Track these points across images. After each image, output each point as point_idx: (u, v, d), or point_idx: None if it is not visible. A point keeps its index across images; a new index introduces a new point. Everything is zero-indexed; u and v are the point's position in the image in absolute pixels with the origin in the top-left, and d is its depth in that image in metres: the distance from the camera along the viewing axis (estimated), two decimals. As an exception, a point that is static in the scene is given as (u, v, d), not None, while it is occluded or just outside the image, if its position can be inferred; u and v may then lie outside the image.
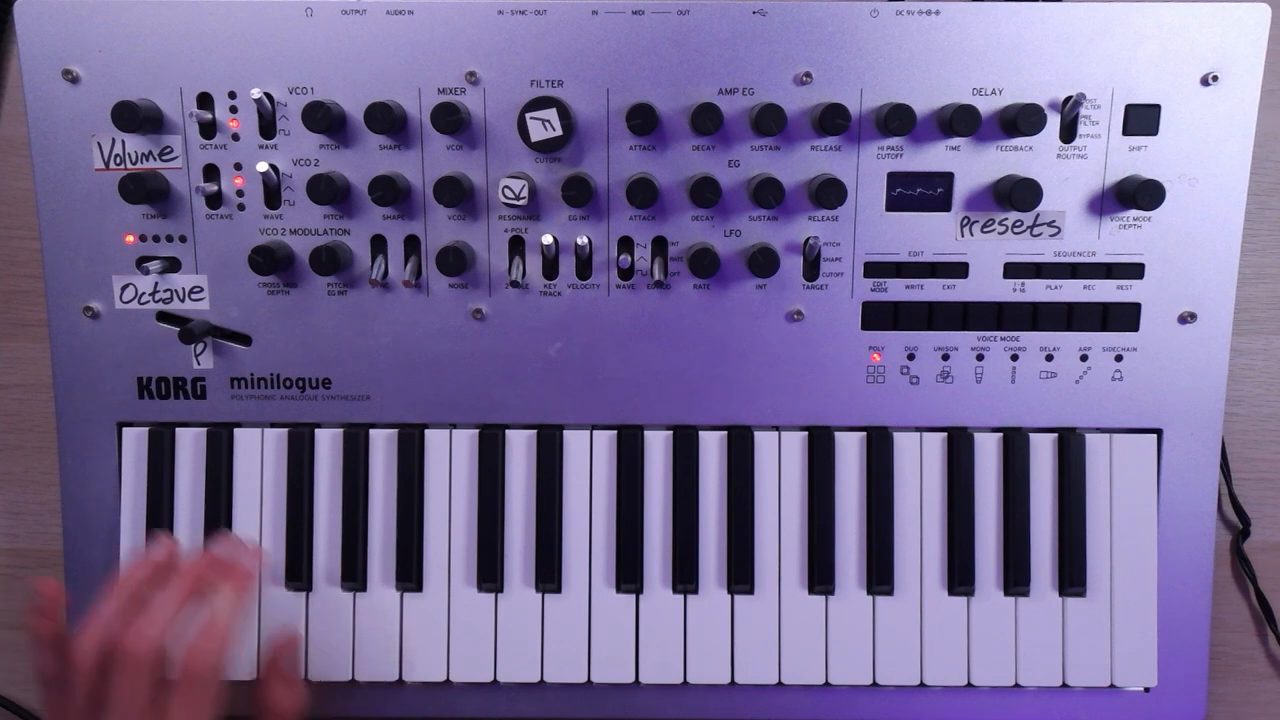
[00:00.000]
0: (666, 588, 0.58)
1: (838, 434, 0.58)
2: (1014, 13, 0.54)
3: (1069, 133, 0.55)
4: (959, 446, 0.58)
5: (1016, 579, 0.58)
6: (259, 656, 0.58)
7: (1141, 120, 0.55)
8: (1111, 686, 0.58)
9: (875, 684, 0.58)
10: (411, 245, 0.57)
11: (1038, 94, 0.55)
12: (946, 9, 0.54)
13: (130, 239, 0.57)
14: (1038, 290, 0.57)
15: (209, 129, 0.55)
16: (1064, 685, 0.58)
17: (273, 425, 0.59)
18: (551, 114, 0.54)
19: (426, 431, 0.59)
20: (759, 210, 0.56)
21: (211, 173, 0.56)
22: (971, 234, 0.56)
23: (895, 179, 0.56)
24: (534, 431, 0.58)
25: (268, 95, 0.55)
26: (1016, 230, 0.56)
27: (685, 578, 0.58)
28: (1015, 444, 0.58)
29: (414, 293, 0.57)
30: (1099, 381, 0.57)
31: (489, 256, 0.57)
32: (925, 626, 0.58)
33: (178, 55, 0.55)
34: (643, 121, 0.54)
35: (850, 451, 0.58)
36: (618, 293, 0.57)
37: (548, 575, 0.58)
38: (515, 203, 0.55)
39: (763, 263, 0.55)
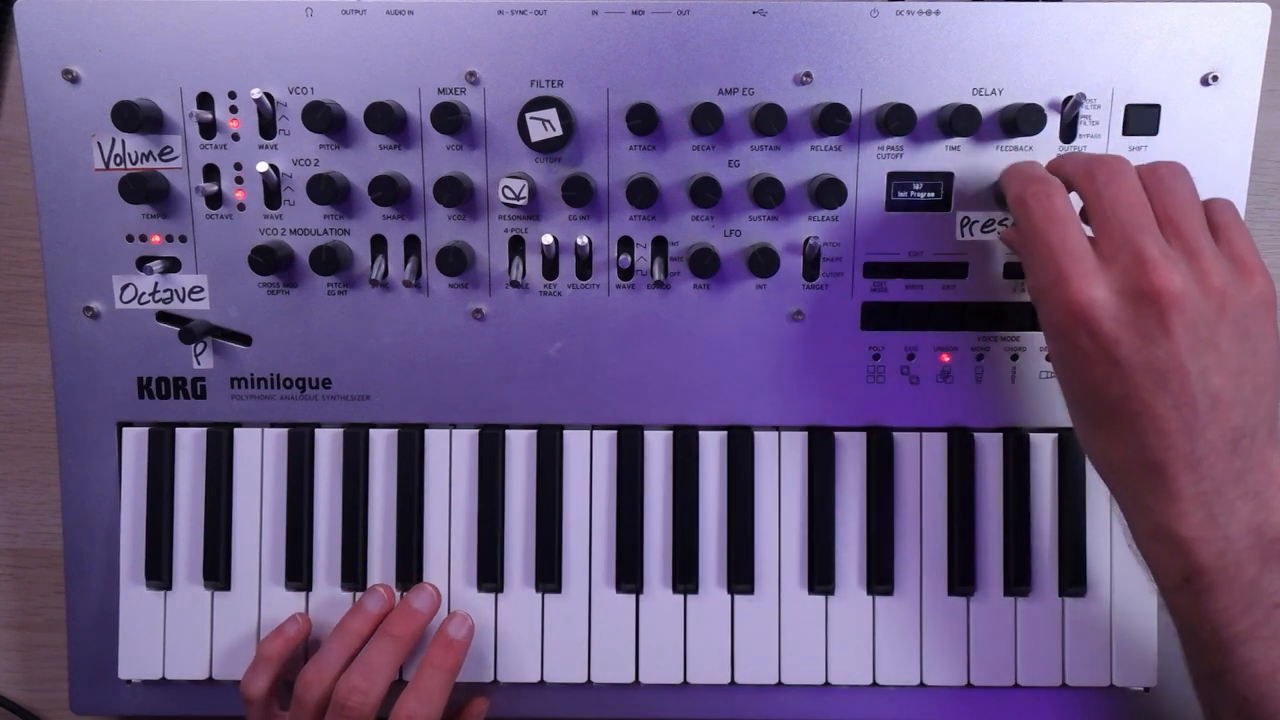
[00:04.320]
0: (666, 588, 0.58)
1: (838, 434, 0.58)
2: (1014, 13, 0.54)
3: (1069, 133, 0.55)
4: (959, 446, 0.58)
5: (1017, 579, 0.58)
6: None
7: (1141, 120, 0.55)
8: (1111, 686, 0.58)
9: (875, 684, 0.58)
10: (411, 245, 0.57)
11: (1038, 94, 0.55)
12: (946, 9, 0.54)
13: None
14: (1038, 290, 0.57)
15: (209, 129, 0.55)
16: (1064, 685, 0.58)
17: (273, 425, 0.59)
18: (551, 114, 0.54)
19: (426, 431, 0.59)
20: (759, 210, 0.56)
21: (211, 173, 0.56)
22: (971, 234, 0.56)
23: (895, 179, 0.56)
24: (534, 431, 0.58)
25: (268, 95, 0.55)
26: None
27: (685, 578, 0.58)
28: (1016, 444, 0.58)
29: (414, 293, 0.57)
30: (1099, 381, 0.57)
31: (489, 256, 0.57)
32: (925, 626, 0.58)
33: (178, 55, 0.55)
34: (643, 121, 0.54)
35: (850, 451, 0.58)
36: (618, 293, 0.57)
37: (548, 575, 0.58)
38: (515, 203, 0.55)
39: (763, 263, 0.55)
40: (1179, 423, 0.45)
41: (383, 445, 0.59)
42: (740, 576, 0.58)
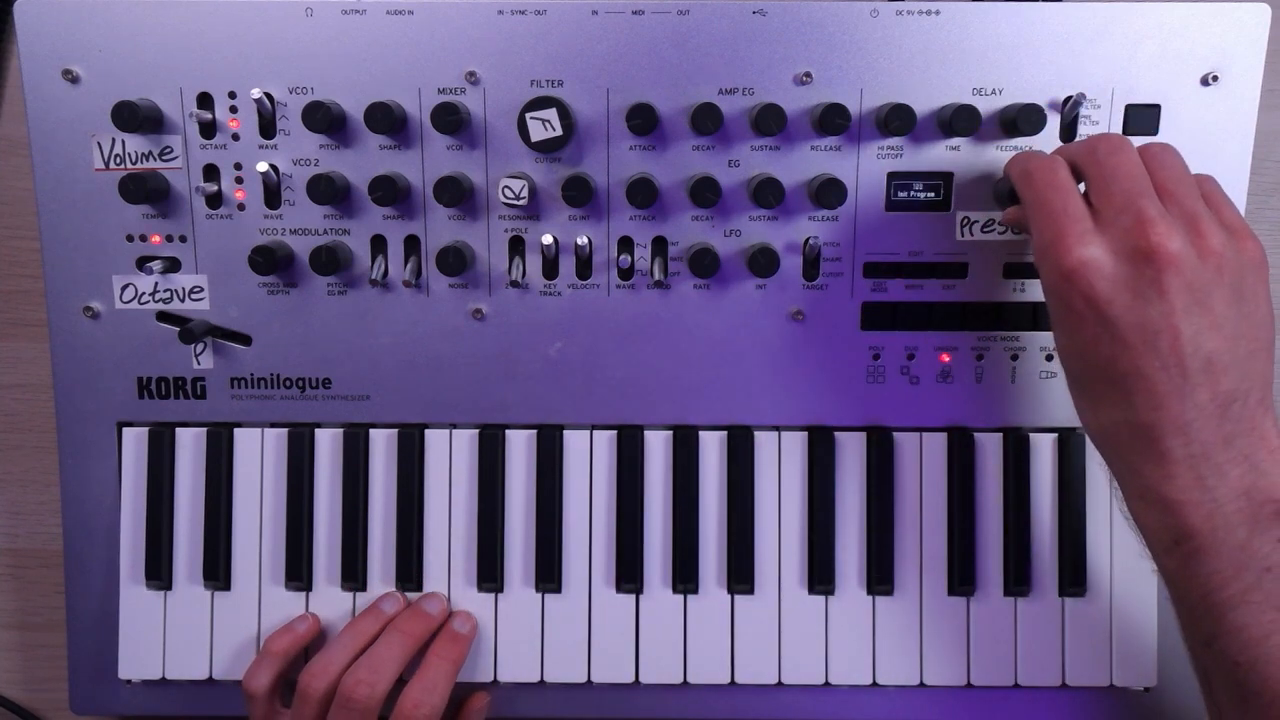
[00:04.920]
0: (666, 588, 0.58)
1: (838, 434, 0.58)
2: (1014, 13, 0.54)
3: (1069, 133, 0.55)
4: (959, 446, 0.58)
5: (1016, 579, 0.58)
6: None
7: (1141, 120, 0.55)
8: (1111, 686, 0.58)
9: (875, 684, 0.58)
10: (411, 245, 0.57)
11: (1038, 94, 0.55)
12: (946, 9, 0.54)
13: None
14: (1038, 290, 0.57)
15: (209, 129, 0.55)
16: (1064, 685, 0.58)
17: (273, 425, 0.59)
18: (551, 114, 0.54)
19: (426, 431, 0.59)
20: (759, 210, 0.56)
21: (211, 173, 0.56)
22: (971, 234, 0.56)
23: (895, 179, 0.56)
24: (534, 431, 0.58)
25: (268, 95, 0.55)
26: (1016, 230, 0.56)
27: (685, 578, 0.58)
28: (1015, 444, 0.58)
29: (414, 293, 0.57)
30: (1099, 381, 0.57)
31: (489, 256, 0.57)
32: (925, 626, 0.58)
33: (178, 55, 0.55)
34: (643, 121, 0.54)
35: (850, 451, 0.58)
36: (618, 293, 0.57)
37: (548, 575, 0.58)
38: (515, 203, 0.55)
39: (763, 263, 0.55)
40: (1169, 384, 0.45)
41: (383, 445, 0.59)
42: (740, 576, 0.58)
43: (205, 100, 0.55)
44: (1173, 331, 0.44)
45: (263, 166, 0.55)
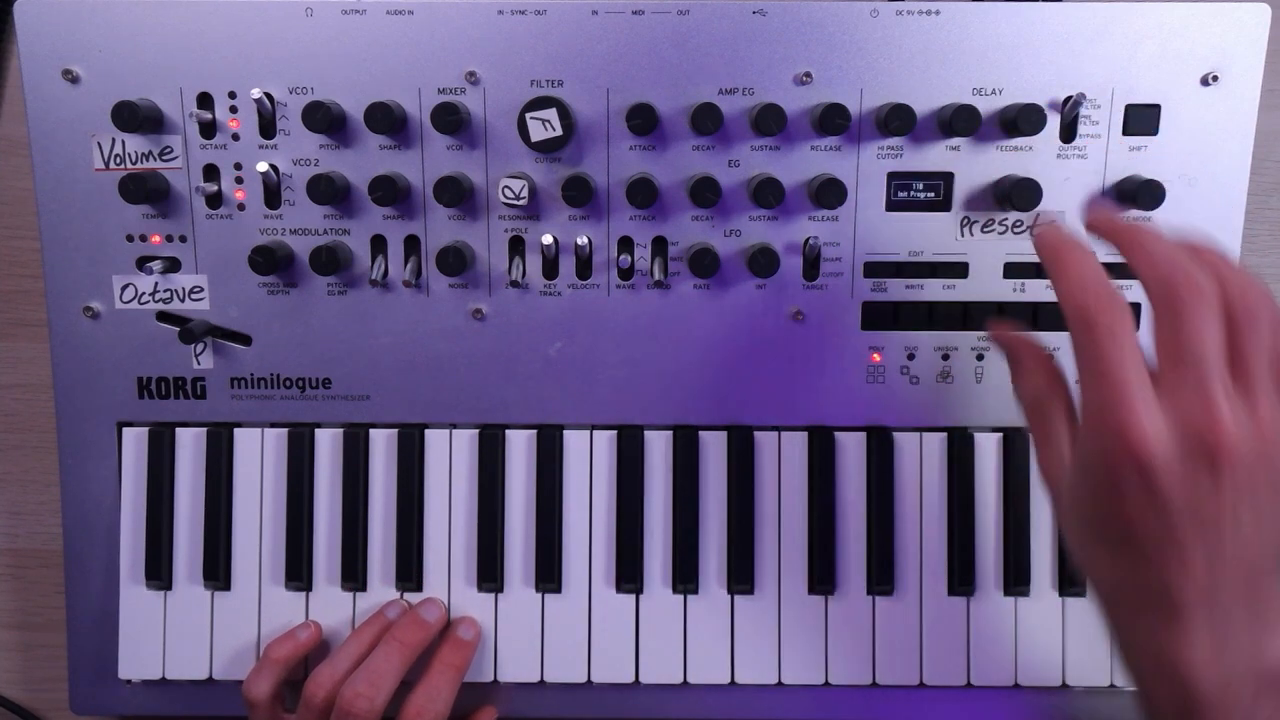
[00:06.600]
0: (667, 588, 0.58)
1: (838, 434, 0.58)
2: (1014, 13, 0.54)
3: (1069, 133, 0.55)
4: (959, 446, 0.58)
5: (1017, 579, 0.58)
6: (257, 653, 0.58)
7: (1141, 120, 0.55)
8: (1111, 686, 0.58)
9: (875, 684, 0.58)
10: (411, 245, 0.57)
11: (1038, 94, 0.55)
12: (946, 9, 0.54)
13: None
14: (1038, 290, 0.57)
15: (209, 129, 0.55)
16: (1064, 685, 0.58)
17: (273, 425, 0.59)
18: (551, 114, 0.54)
19: (426, 431, 0.59)
20: (759, 210, 0.56)
21: (211, 173, 0.56)
22: (971, 234, 0.56)
23: (895, 179, 0.56)
24: (534, 431, 0.58)
25: (268, 95, 0.55)
26: (1017, 230, 0.56)
27: (685, 578, 0.58)
28: (1015, 444, 0.58)
29: (414, 293, 0.57)
30: (1099, 381, 0.57)
31: (489, 256, 0.57)
32: (925, 626, 0.58)
33: (178, 55, 0.55)
34: (643, 121, 0.54)
35: (851, 451, 0.58)
36: (618, 293, 0.57)
37: (548, 575, 0.58)
38: (515, 203, 0.55)
39: (763, 263, 0.55)
40: (1205, 563, 0.43)
41: (383, 445, 0.59)
42: (740, 577, 0.58)
43: (205, 100, 0.55)
44: (1220, 521, 0.42)
45: (263, 166, 0.55)
